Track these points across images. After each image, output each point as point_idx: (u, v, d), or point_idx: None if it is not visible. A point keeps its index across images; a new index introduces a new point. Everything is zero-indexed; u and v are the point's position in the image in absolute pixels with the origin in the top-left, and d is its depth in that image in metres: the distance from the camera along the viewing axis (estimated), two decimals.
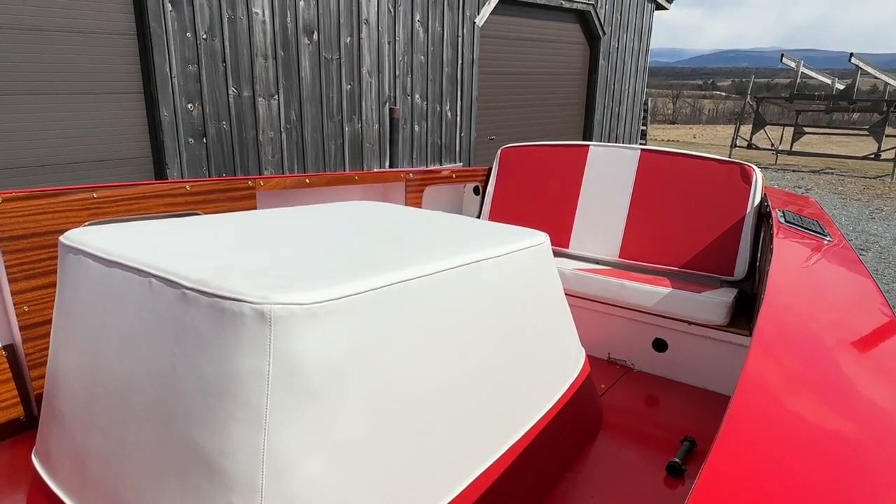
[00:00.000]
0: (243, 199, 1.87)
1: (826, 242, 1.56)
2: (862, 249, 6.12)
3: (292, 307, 0.73)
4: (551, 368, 1.34)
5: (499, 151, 2.68)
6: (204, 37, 5.48)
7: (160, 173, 5.56)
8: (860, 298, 1.13)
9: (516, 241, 1.24)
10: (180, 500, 0.76)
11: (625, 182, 2.37)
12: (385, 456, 0.85)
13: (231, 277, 0.79)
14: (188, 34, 5.36)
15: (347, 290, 0.80)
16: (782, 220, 1.72)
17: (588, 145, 2.50)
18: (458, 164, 8.67)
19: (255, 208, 1.90)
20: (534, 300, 1.27)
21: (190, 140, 5.60)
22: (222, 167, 5.93)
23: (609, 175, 2.41)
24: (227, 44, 5.65)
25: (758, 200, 2.16)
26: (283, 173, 6.40)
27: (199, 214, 1.77)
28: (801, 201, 2.27)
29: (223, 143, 5.87)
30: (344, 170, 7.06)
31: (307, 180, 2.04)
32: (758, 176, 2.17)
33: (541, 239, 1.32)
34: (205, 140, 5.71)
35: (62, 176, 4.86)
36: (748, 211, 2.15)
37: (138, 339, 0.83)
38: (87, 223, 1.53)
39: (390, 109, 4.34)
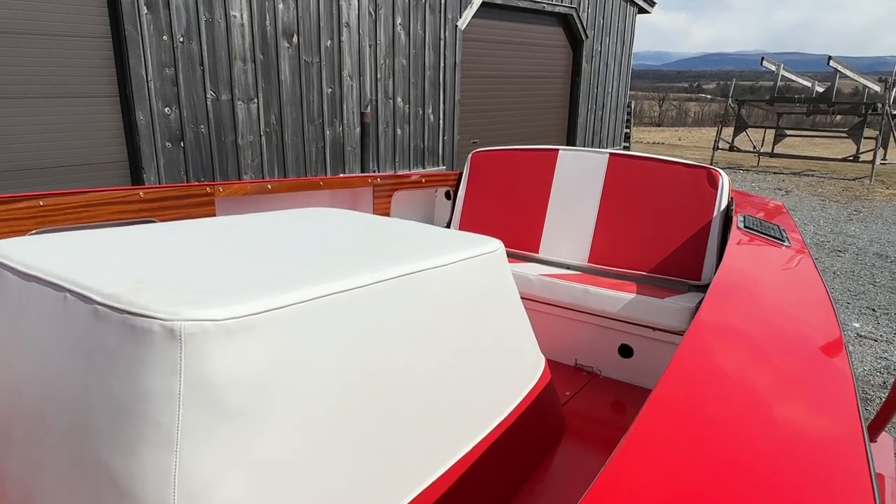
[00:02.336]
0: (201, 206, 1.84)
1: (783, 247, 1.56)
2: (839, 251, 6.17)
3: (204, 324, 0.70)
4: (505, 378, 1.32)
5: (469, 156, 2.67)
6: (181, 40, 5.43)
7: (137, 178, 5.50)
8: (806, 304, 1.12)
9: (467, 249, 1.22)
10: None
11: (593, 187, 2.36)
12: (315, 476, 0.83)
13: (146, 292, 0.76)
14: (164, 37, 5.30)
15: (269, 305, 0.77)
16: (741, 224, 1.72)
17: (557, 149, 2.49)
18: (442, 168, 8.65)
19: (214, 216, 1.87)
20: (486, 309, 1.25)
21: (167, 144, 5.54)
22: (201, 172, 5.87)
23: (578, 179, 2.40)
24: (204, 47, 5.59)
25: (724, 205, 2.16)
26: (263, 178, 6.35)
27: (154, 222, 1.74)
28: (768, 205, 2.27)
29: (202, 148, 5.81)
30: (326, 174, 7.02)
31: (269, 186, 2.01)
32: (724, 180, 2.17)
33: (494, 246, 1.31)
34: (182, 144, 5.65)
35: (36, 181, 4.79)
36: (715, 215, 2.15)
37: (54, 356, 0.80)
38: (32, 232, 1.49)
39: (361, 114, 4.32)
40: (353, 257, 1.04)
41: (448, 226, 2.73)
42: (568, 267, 2.37)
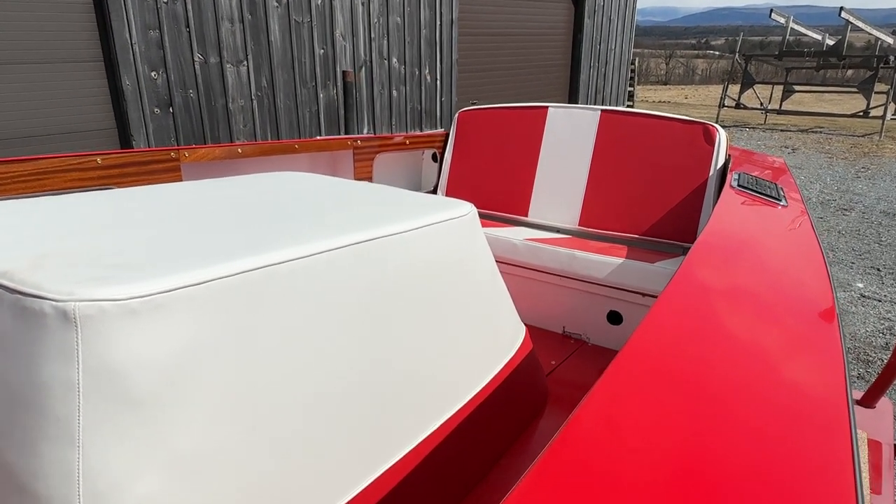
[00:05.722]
0: (166, 173, 1.75)
1: (779, 207, 1.46)
2: (845, 209, 6.03)
3: (103, 304, 0.62)
4: (479, 349, 1.25)
5: (456, 115, 2.55)
6: (165, 0, 5.23)
7: (126, 145, 5.38)
8: (796, 265, 1.03)
9: (434, 214, 1.13)
10: None
11: (585, 146, 2.24)
12: (249, 466, 0.76)
13: (44, 268, 0.68)
14: None
15: (184, 280, 0.69)
16: (735, 183, 1.61)
17: (547, 107, 2.36)
18: (440, 130, 8.46)
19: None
20: (455, 277, 1.17)
21: (156, 110, 5.40)
22: (191, 137, 5.74)
23: (569, 138, 2.28)
24: (189, 7, 5.40)
25: (721, 162, 2.05)
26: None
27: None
28: (768, 163, 2.16)
29: (191, 113, 5.67)
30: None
31: (239, 150, 1.91)
32: (721, 136, 2.06)
33: (464, 210, 1.21)
34: (171, 110, 5.51)
35: (19, 150, 4.68)
36: (711, 174, 2.04)
37: None
38: None
39: (343, 73, 4.16)
40: (304, 224, 0.96)
41: (435, 189, 2.63)
42: (558, 231, 2.28)
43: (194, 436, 0.70)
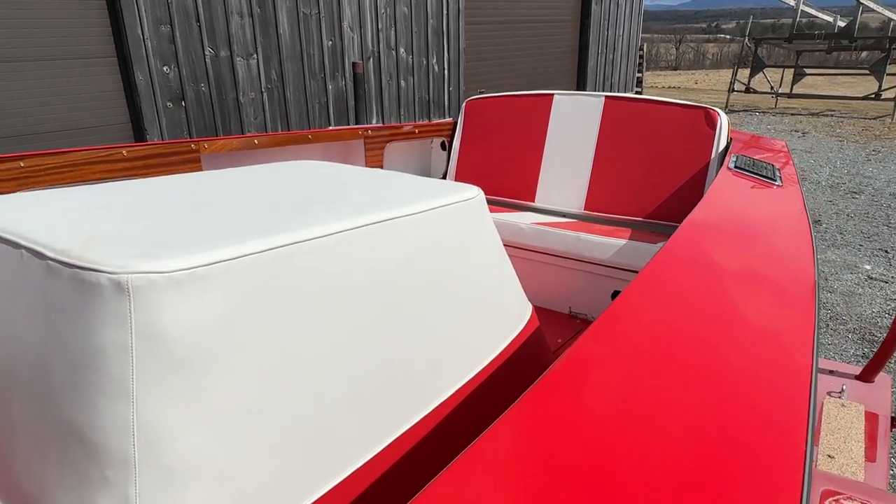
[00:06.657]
0: (186, 164, 1.83)
1: (774, 187, 1.52)
2: (855, 192, 6.03)
3: (152, 276, 0.70)
4: (488, 324, 1.32)
5: (463, 104, 2.61)
6: None
7: (140, 139, 5.49)
8: (782, 242, 1.09)
9: (443, 197, 1.20)
10: (61, 475, 0.76)
11: (589, 131, 2.30)
12: (279, 424, 0.84)
13: (96, 246, 0.76)
14: None
15: (222, 256, 0.77)
16: (732, 165, 1.67)
17: (553, 94, 2.42)
18: (448, 119, 8.50)
19: None
20: (463, 258, 1.24)
21: (168, 104, 5.50)
22: (203, 131, 5.83)
23: (574, 125, 2.34)
24: (199, 1, 5.47)
25: (723, 146, 2.10)
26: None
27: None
28: (767, 145, 2.21)
29: (203, 106, 5.76)
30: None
31: (255, 141, 1.99)
32: (723, 120, 2.11)
33: (472, 193, 1.28)
34: (183, 104, 5.60)
35: (35, 146, 4.80)
36: (713, 157, 2.09)
37: (15, 313, 0.81)
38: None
39: (353, 64, 4.22)
40: (320, 207, 1.03)
41: (444, 177, 2.70)
42: (564, 215, 2.34)
43: (231, 394, 0.78)
